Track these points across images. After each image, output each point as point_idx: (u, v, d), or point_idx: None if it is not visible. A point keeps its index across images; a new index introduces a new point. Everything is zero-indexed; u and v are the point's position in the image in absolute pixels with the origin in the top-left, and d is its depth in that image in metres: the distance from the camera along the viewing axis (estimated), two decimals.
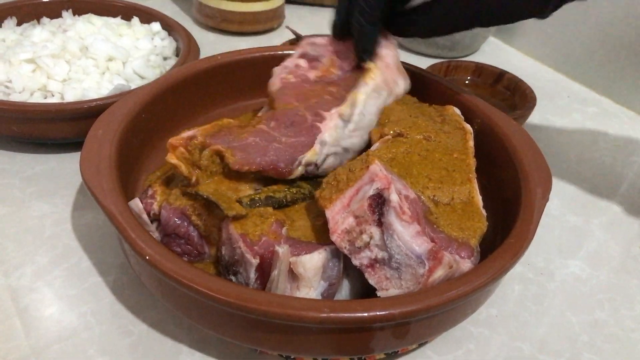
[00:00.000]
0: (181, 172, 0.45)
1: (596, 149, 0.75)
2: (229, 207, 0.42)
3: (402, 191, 0.39)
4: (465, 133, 0.52)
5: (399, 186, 0.39)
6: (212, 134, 0.47)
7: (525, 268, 0.55)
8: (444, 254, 0.38)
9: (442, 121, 0.53)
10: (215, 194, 0.43)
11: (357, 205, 0.39)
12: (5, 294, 0.47)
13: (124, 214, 0.41)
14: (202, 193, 0.43)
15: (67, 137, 0.62)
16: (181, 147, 0.46)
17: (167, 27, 0.79)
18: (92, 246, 0.52)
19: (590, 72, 0.89)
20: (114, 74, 0.68)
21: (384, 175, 0.38)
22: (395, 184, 0.39)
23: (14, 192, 0.58)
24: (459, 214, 0.43)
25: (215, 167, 0.46)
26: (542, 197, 0.46)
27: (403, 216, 0.37)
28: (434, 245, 0.38)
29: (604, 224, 0.61)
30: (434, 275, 0.38)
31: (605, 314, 0.51)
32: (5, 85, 0.63)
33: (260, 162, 0.45)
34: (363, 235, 0.39)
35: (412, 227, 0.38)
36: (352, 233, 0.39)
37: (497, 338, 0.48)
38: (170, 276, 0.36)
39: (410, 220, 0.38)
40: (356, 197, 0.39)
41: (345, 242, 0.39)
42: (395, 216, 0.38)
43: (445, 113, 0.55)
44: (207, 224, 0.44)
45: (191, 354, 0.44)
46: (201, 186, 0.44)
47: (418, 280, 0.38)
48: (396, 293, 0.39)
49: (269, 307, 0.35)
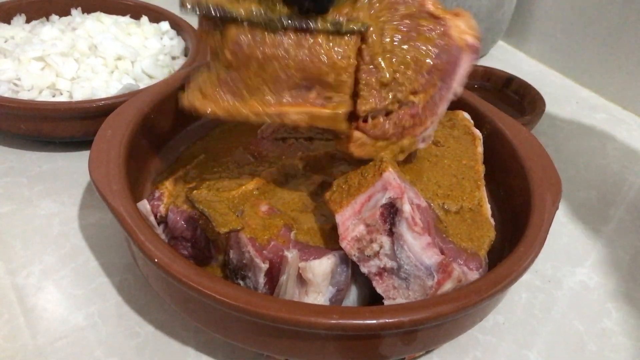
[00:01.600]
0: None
1: (605, 155, 0.74)
2: (222, 223, 0.41)
3: (414, 200, 0.39)
4: (475, 139, 0.52)
5: (411, 195, 0.39)
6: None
7: (532, 275, 0.54)
8: (453, 267, 0.38)
9: (452, 126, 0.53)
10: (210, 207, 0.42)
11: (369, 213, 0.39)
12: (13, 293, 0.47)
13: (132, 216, 0.41)
14: (197, 205, 0.43)
15: (75, 136, 0.62)
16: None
17: (176, 26, 0.79)
18: (99, 246, 0.52)
19: (600, 78, 0.89)
20: (122, 73, 0.68)
21: (398, 184, 0.38)
22: (408, 192, 0.39)
23: (22, 190, 0.58)
24: (468, 223, 0.43)
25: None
26: (552, 204, 0.46)
27: (415, 227, 0.37)
28: (444, 258, 0.38)
29: (612, 231, 0.61)
30: (443, 288, 0.38)
31: (613, 322, 0.50)
32: (14, 82, 0.64)
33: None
34: (373, 244, 0.38)
35: (423, 239, 0.38)
36: (362, 241, 0.39)
37: (504, 346, 0.47)
38: (179, 279, 0.36)
39: (422, 231, 0.38)
40: (368, 204, 0.39)
41: (354, 249, 0.39)
42: (407, 227, 0.37)
43: (455, 118, 0.54)
44: (214, 227, 0.44)
45: (198, 356, 0.44)
46: (197, 192, 0.44)
47: (426, 292, 0.38)
48: (402, 302, 0.39)
49: (278, 312, 0.34)
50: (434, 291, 0.38)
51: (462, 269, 0.40)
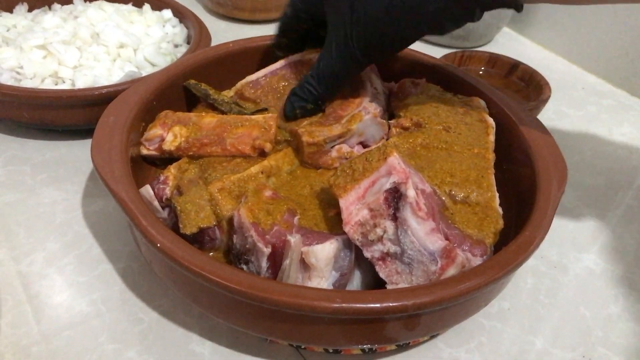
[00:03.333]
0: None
1: (611, 141, 0.74)
2: (188, 224, 0.43)
3: (418, 185, 0.39)
4: (488, 127, 0.51)
5: (415, 180, 0.39)
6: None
7: (538, 261, 0.54)
8: (457, 253, 0.38)
9: (465, 112, 0.52)
10: (184, 207, 0.43)
11: (373, 198, 0.38)
12: (17, 281, 0.47)
13: (135, 201, 0.40)
14: (173, 202, 0.44)
15: (78, 124, 0.61)
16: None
17: (179, 14, 0.79)
18: (102, 233, 0.52)
19: (606, 64, 0.88)
20: (125, 61, 0.68)
21: (402, 169, 0.38)
22: (413, 177, 0.38)
23: (25, 178, 0.58)
24: (475, 211, 0.43)
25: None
26: (558, 189, 0.46)
27: (419, 212, 0.37)
28: (448, 243, 0.37)
29: (618, 217, 0.61)
30: (446, 274, 0.37)
31: (619, 308, 0.50)
32: (16, 71, 0.63)
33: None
34: (377, 228, 0.38)
35: (427, 224, 0.37)
36: (365, 226, 0.38)
37: (510, 331, 0.47)
38: (182, 264, 0.36)
39: (426, 217, 0.37)
40: (372, 188, 0.39)
41: (358, 234, 0.39)
42: (411, 212, 0.37)
43: (471, 104, 0.53)
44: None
45: (201, 342, 0.44)
46: (182, 181, 0.45)
47: (429, 277, 0.38)
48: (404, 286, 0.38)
49: (281, 296, 0.34)
50: (437, 276, 0.38)
51: (467, 255, 0.39)
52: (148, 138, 0.51)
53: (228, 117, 0.52)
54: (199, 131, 0.51)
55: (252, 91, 0.56)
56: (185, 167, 0.48)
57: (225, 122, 0.51)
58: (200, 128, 0.51)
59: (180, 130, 0.51)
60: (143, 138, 0.51)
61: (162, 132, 0.50)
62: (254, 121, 0.51)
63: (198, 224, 0.43)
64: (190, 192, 0.44)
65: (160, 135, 0.50)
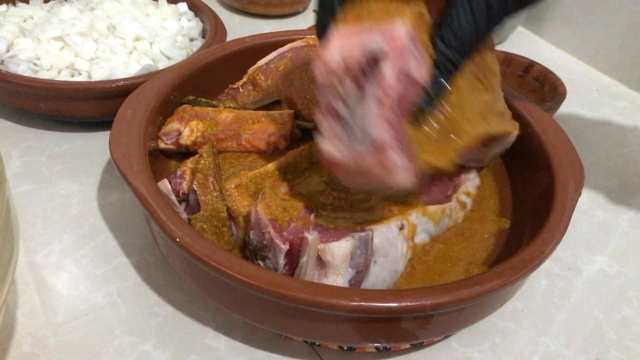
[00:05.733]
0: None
1: (625, 143, 0.73)
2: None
3: (411, 69, 0.34)
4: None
5: (411, 61, 0.34)
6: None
7: (552, 263, 0.54)
8: (389, 154, 0.34)
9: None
10: (201, 227, 0.43)
11: (354, 52, 0.34)
12: (33, 272, 0.48)
13: (154, 195, 0.41)
14: (192, 221, 0.43)
15: (94, 116, 0.62)
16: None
17: (194, 8, 0.79)
18: (118, 226, 0.53)
19: (621, 65, 0.87)
20: (141, 54, 0.68)
21: (401, 43, 0.33)
22: (408, 57, 0.33)
23: (42, 169, 0.58)
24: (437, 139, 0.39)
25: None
26: (575, 190, 0.46)
27: (384, 99, 0.33)
28: (387, 141, 0.34)
29: (632, 220, 0.60)
30: (365, 162, 0.35)
31: (634, 312, 0.50)
32: (33, 62, 0.64)
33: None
34: (342, 84, 0.35)
35: (384, 112, 0.33)
36: (335, 74, 0.35)
37: (523, 332, 0.47)
38: (200, 259, 0.36)
39: (388, 106, 0.33)
40: (361, 36, 0.34)
41: (325, 77, 0.35)
42: (376, 92, 0.33)
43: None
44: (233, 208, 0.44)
45: (217, 337, 0.44)
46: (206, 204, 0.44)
47: (353, 156, 0.35)
48: (331, 150, 0.36)
49: (300, 293, 0.34)
50: (359, 160, 0.35)
51: (396, 160, 0.35)
52: (166, 132, 0.51)
53: (245, 112, 0.52)
54: (216, 126, 0.51)
55: (264, 77, 0.56)
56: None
57: (242, 118, 0.51)
58: (217, 123, 0.51)
59: (197, 124, 0.51)
60: (161, 132, 0.51)
61: (179, 127, 0.51)
62: (271, 117, 0.51)
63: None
64: (207, 207, 0.44)
65: (177, 130, 0.50)
